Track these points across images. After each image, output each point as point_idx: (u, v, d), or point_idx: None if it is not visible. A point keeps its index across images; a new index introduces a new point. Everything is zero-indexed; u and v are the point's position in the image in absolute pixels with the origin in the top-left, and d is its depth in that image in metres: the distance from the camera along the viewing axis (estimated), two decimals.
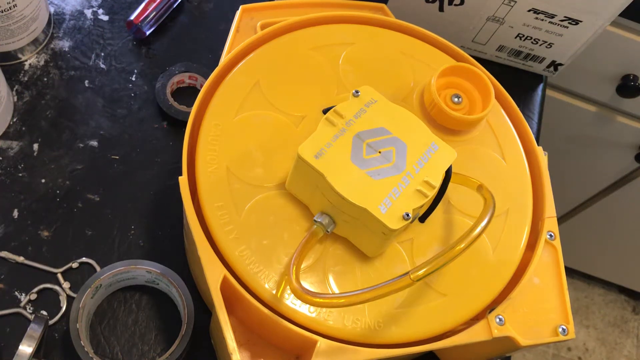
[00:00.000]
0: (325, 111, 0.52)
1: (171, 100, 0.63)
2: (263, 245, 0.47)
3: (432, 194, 0.44)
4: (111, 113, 0.63)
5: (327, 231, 0.45)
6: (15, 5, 0.59)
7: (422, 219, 0.49)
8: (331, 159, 0.44)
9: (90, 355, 0.49)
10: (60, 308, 0.54)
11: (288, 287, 0.45)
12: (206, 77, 0.53)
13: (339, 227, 0.46)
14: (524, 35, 0.68)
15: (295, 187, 0.47)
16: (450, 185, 0.51)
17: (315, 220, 0.46)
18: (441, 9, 0.66)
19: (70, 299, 0.55)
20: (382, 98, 0.47)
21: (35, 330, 0.48)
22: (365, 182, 0.44)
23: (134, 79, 0.66)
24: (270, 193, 0.49)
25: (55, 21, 0.67)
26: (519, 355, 1.48)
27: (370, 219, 0.43)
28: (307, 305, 0.45)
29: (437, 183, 0.45)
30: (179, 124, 0.62)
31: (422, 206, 0.44)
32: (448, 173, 0.46)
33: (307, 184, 0.46)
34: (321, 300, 0.41)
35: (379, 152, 0.45)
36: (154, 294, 0.56)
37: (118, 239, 0.58)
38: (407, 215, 0.42)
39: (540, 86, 0.75)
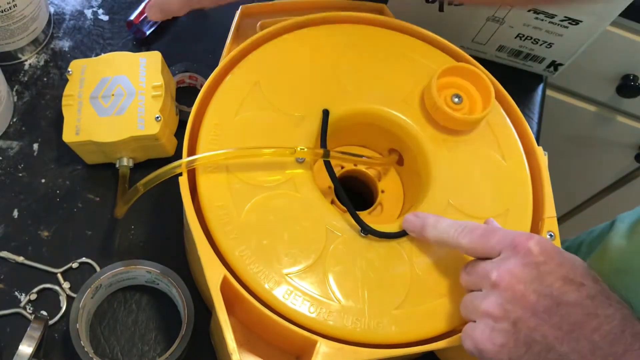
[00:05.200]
0: (325, 111, 0.52)
1: None
2: (263, 245, 0.47)
3: (162, 91, 0.56)
4: None
5: (131, 167, 0.58)
6: (15, 5, 0.59)
7: None
8: (85, 126, 0.55)
9: (90, 355, 0.49)
10: (60, 308, 0.54)
11: None
12: (206, 77, 0.53)
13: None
14: (524, 35, 0.68)
15: (90, 159, 0.58)
16: (450, 186, 0.52)
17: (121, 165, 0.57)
18: (441, 9, 0.66)
19: (70, 299, 0.55)
20: (89, 60, 0.58)
21: (35, 330, 0.48)
22: (117, 120, 0.55)
23: None
24: (270, 193, 0.49)
25: (55, 21, 0.67)
26: None
27: (142, 139, 0.55)
28: (307, 305, 0.45)
29: (161, 81, 0.56)
30: (179, 124, 0.62)
31: (164, 105, 0.56)
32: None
33: (94, 153, 0.57)
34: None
35: (112, 95, 0.56)
36: (154, 294, 0.56)
37: (118, 239, 0.58)
38: (158, 117, 0.55)
39: (540, 86, 0.75)
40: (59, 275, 0.55)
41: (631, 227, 0.65)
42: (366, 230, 0.48)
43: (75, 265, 0.56)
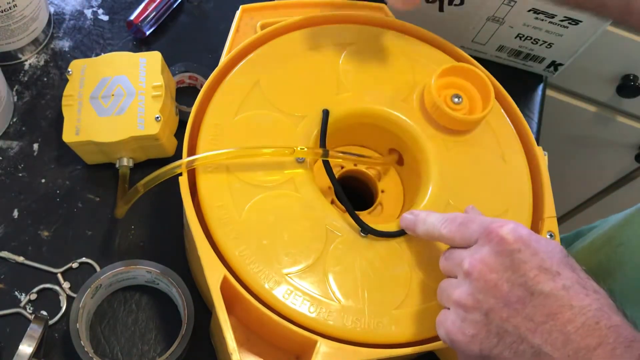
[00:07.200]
0: (325, 111, 0.52)
1: None
2: (263, 245, 0.47)
3: (162, 91, 0.56)
4: None
5: (131, 167, 0.58)
6: (15, 5, 0.59)
7: None
8: (85, 126, 0.55)
9: (90, 355, 0.49)
10: (60, 308, 0.54)
11: None
12: (206, 77, 0.53)
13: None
14: (524, 35, 0.68)
15: (90, 159, 0.58)
16: (450, 186, 0.52)
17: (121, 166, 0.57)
18: (441, 9, 0.66)
19: (70, 299, 0.55)
20: (89, 60, 0.58)
21: (35, 330, 0.48)
22: (117, 120, 0.55)
23: None
24: (270, 193, 0.49)
25: (55, 21, 0.67)
26: None
27: (142, 139, 0.55)
28: (307, 305, 0.45)
29: (161, 81, 0.56)
30: (179, 124, 0.62)
31: (164, 105, 0.56)
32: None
33: (94, 153, 0.57)
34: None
35: (112, 95, 0.56)
36: (154, 294, 0.56)
37: (118, 239, 0.58)
38: (158, 117, 0.55)
39: (540, 86, 0.75)
40: (59, 275, 0.55)
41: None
42: (366, 230, 0.48)
43: (75, 265, 0.56)
